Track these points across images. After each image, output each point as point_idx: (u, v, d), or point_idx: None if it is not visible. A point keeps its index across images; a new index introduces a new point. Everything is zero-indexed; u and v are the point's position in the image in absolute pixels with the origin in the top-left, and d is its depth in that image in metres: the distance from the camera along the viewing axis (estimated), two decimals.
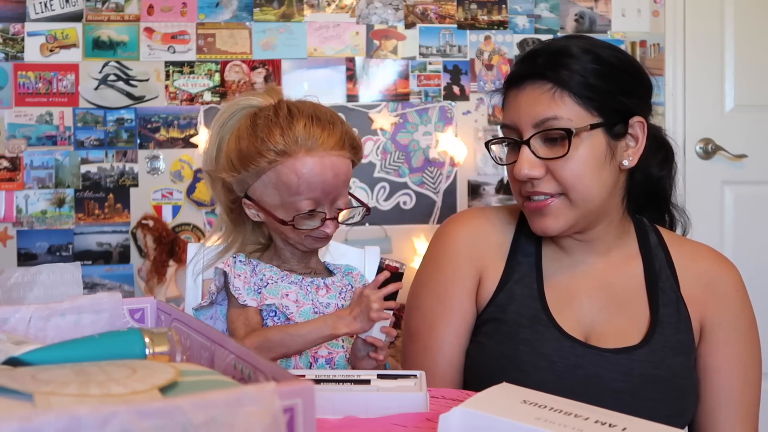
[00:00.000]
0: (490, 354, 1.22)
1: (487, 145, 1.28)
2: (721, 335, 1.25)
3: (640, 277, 1.27)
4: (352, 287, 1.19)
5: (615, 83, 1.20)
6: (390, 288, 1.03)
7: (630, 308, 1.24)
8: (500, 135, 1.26)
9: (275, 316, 1.12)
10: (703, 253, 1.33)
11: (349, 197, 1.18)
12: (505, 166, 1.26)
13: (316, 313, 1.12)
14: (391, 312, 1.04)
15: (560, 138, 1.17)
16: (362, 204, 1.18)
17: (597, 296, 1.25)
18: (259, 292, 1.12)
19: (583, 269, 1.27)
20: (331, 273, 1.21)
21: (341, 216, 1.16)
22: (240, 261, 1.15)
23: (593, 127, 1.18)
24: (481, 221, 1.33)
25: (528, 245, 1.30)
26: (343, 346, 1.14)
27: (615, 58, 1.22)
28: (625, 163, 1.23)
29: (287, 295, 1.12)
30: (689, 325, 1.24)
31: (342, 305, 1.15)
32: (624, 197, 1.27)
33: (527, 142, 1.17)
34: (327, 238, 1.16)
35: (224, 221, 1.23)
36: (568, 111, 1.17)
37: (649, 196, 1.35)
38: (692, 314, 1.25)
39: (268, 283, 1.13)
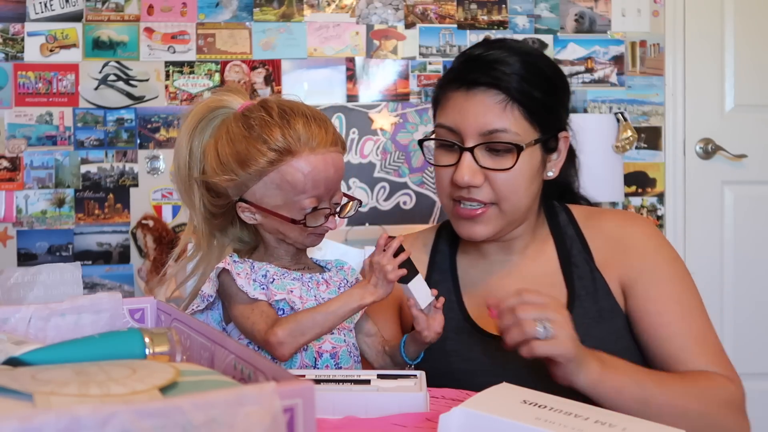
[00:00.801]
0: (426, 373, 1.24)
1: (420, 143, 1.28)
2: (643, 283, 1.25)
3: (553, 258, 1.29)
4: (347, 281, 1.19)
5: (555, 98, 1.25)
6: (394, 244, 1.05)
7: (548, 291, 1.26)
8: (433, 133, 1.26)
9: (283, 314, 1.11)
10: (609, 216, 1.35)
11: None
12: (431, 165, 1.27)
13: None
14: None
15: (504, 150, 1.19)
16: (353, 199, 1.18)
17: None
18: (265, 288, 1.11)
19: (500, 269, 1.30)
20: (322, 269, 1.21)
21: (345, 211, 1.16)
22: (235, 261, 1.14)
23: (536, 142, 1.22)
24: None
25: (442, 262, 1.34)
26: (345, 341, 1.14)
27: (552, 70, 1.26)
28: (550, 174, 1.28)
29: (292, 291, 1.12)
30: (608, 290, 1.25)
31: None
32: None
33: (471, 150, 1.18)
34: (324, 235, 1.17)
35: (203, 231, 1.20)
36: (516, 125, 1.19)
37: (556, 189, 1.38)
38: (609, 278, 1.26)
39: (273, 279, 1.12)
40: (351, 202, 1.17)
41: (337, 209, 1.15)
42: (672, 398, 1.10)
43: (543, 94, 1.21)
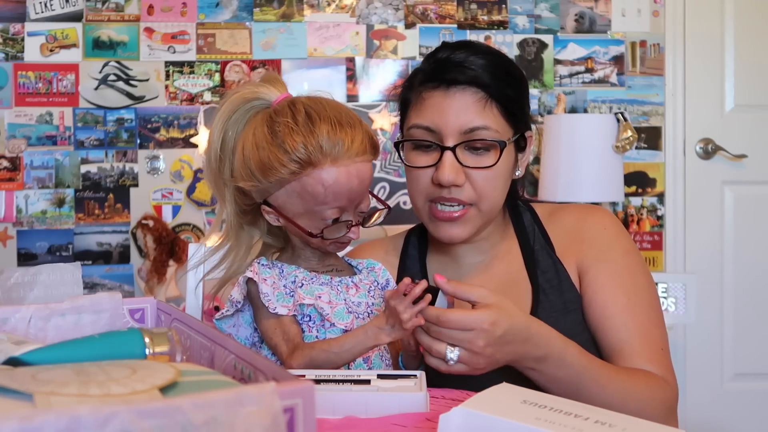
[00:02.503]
0: None
1: (397, 145, 1.26)
2: (594, 272, 1.25)
3: (518, 256, 1.30)
4: (378, 283, 1.18)
5: (524, 97, 1.26)
6: (416, 290, 1.00)
7: (514, 289, 1.26)
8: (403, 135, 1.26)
9: (310, 320, 1.11)
10: (570, 209, 1.36)
11: (370, 197, 1.16)
12: (402, 168, 1.25)
13: (350, 312, 1.11)
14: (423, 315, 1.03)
15: (484, 148, 1.19)
16: (384, 204, 1.17)
17: None
18: (292, 295, 1.10)
19: (470, 271, 1.31)
20: (352, 269, 1.20)
21: (370, 221, 1.14)
22: (263, 265, 1.13)
23: (513, 140, 1.22)
24: (367, 254, 1.36)
25: (412, 266, 1.34)
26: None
27: (518, 70, 1.27)
28: (518, 173, 1.28)
29: (320, 296, 1.11)
30: (570, 282, 1.26)
31: (372, 303, 1.14)
32: None
33: (453, 149, 1.18)
34: (348, 243, 1.15)
35: (232, 222, 1.18)
36: (496, 122, 1.20)
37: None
38: (569, 269, 1.27)
39: (303, 284, 1.11)
40: (378, 211, 1.14)
41: (362, 219, 1.13)
42: (610, 399, 1.09)
43: (515, 92, 1.23)
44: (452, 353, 1.00)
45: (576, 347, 1.11)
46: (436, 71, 1.22)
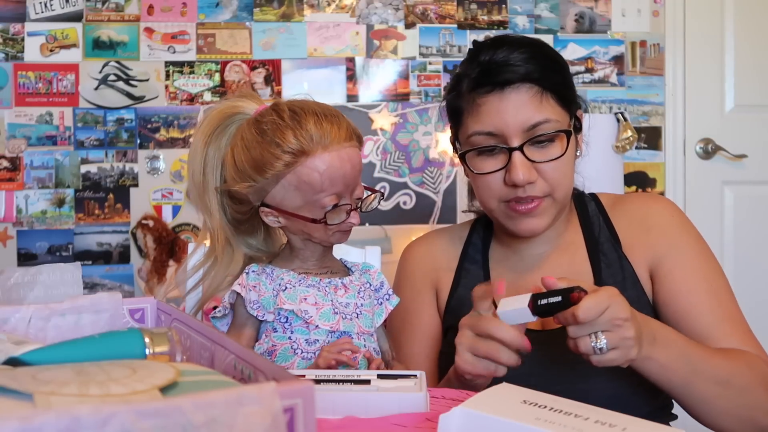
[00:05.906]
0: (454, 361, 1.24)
1: (462, 157, 1.26)
2: (669, 262, 1.25)
3: (582, 247, 1.30)
4: (370, 285, 1.19)
5: (569, 77, 1.27)
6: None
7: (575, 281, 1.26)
8: (479, 144, 1.25)
9: (286, 322, 1.11)
10: (633, 197, 1.36)
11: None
12: (476, 174, 1.25)
13: (336, 313, 1.12)
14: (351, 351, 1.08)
15: (548, 140, 1.20)
16: (375, 191, 1.18)
17: None
18: (276, 295, 1.12)
19: (530, 261, 1.31)
20: (347, 270, 1.21)
21: (367, 204, 1.17)
22: (253, 271, 1.14)
23: (571, 124, 1.23)
24: (432, 239, 1.42)
25: (474, 253, 1.36)
26: (365, 346, 1.14)
27: (555, 51, 1.28)
28: (578, 153, 1.28)
29: (305, 299, 1.11)
30: (635, 279, 1.25)
31: (361, 304, 1.15)
32: None
33: (521, 148, 1.18)
34: (350, 231, 1.16)
35: (218, 234, 1.20)
36: (554, 112, 1.20)
37: None
38: (636, 263, 1.26)
39: (286, 287, 1.12)
40: (373, 195, 1.17)
41: (359, 204, 1.15)
42: (716, 373, 1.10)
43: (562, 77, 1.23)
44: (599, 342, 0.99)
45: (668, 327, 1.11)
46: (486, 75, 1.21)
